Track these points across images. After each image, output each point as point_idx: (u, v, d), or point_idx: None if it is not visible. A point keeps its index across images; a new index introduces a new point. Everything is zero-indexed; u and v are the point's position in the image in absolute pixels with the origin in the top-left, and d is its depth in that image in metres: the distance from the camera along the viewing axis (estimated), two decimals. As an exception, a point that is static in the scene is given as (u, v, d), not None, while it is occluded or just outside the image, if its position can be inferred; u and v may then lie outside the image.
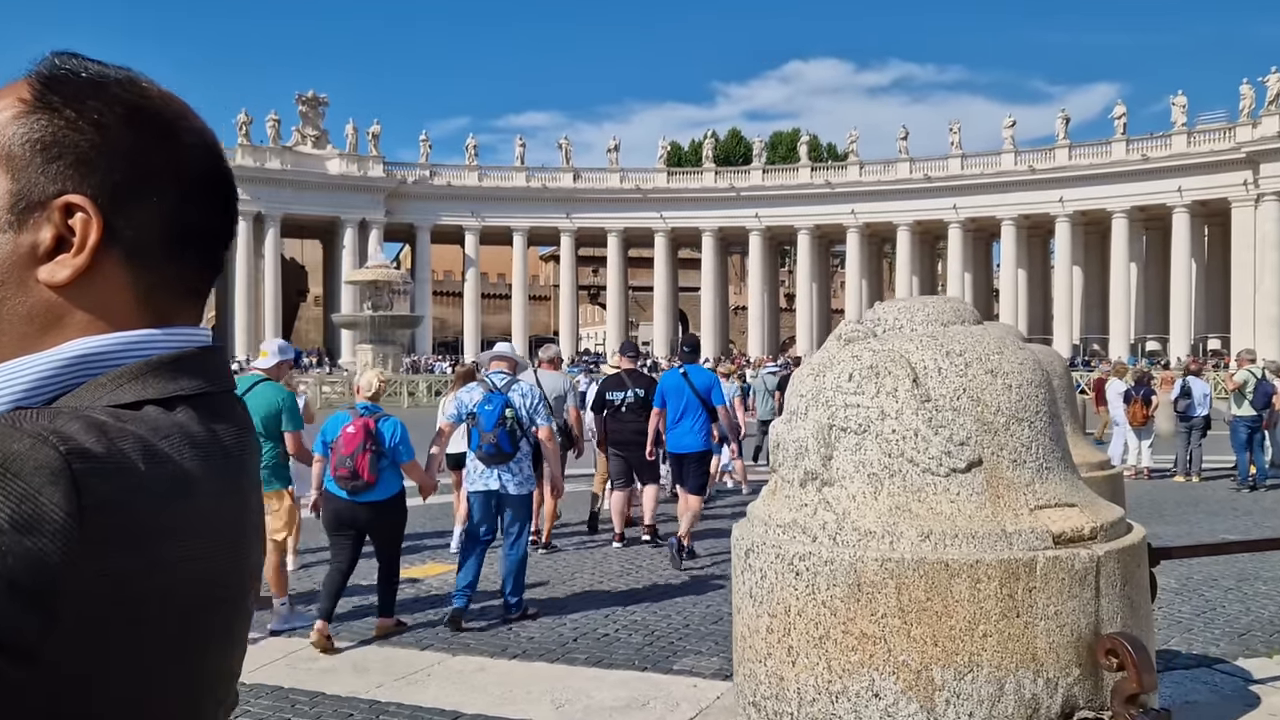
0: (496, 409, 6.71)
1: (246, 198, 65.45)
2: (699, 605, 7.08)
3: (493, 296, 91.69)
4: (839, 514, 2.59)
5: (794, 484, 2.71)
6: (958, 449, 2.51)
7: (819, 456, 2.61)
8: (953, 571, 2.45)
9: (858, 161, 67.96)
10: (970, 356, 2.69)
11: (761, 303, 71.59)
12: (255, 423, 3.80)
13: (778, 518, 2.74)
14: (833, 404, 2.61)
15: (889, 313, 3.05)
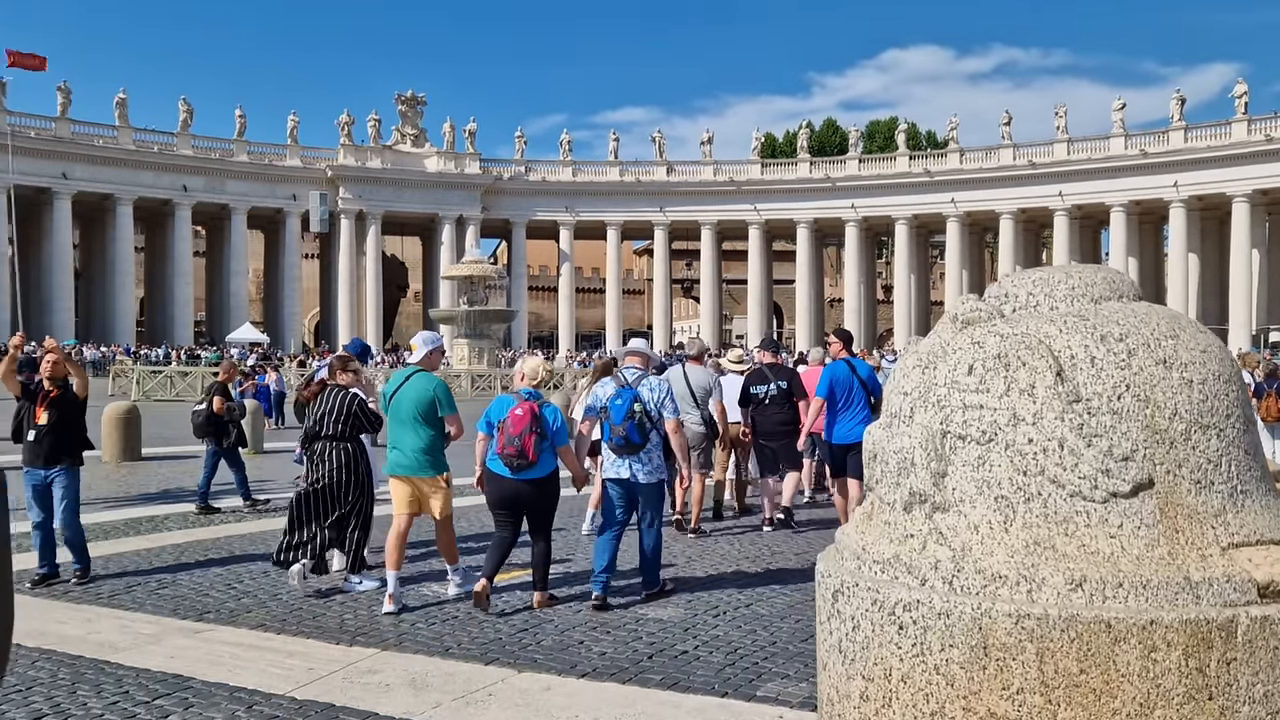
0: (626, 403, 7.05)
1: (349, 196, 66.85)
2: (788, 619, 6.50)
3: (587, 291, 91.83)
4: (957, 550, 1.99)
5: (896, 507, 2.14)
6: (1119, 466, 1.88)
7: (929, 473, 2.03)
8: (1117, 635, 1.78)
9: (958, 149, 65.84)
10: (1135, 342, 2.00)
11: (858, 295, 69.98)
12: (413, 411, 6.62)
13: (875, 551, 2.17)
14: (947, 404, 2.03)
15: (1021, 286, 2.38)
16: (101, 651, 5.81)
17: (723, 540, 9.56)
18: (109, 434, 16.60)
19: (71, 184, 59.74)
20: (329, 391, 7.75)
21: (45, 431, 7.77)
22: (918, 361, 2.23)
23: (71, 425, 7.95)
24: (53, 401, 7.85)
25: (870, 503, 2.38)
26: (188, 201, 63.72)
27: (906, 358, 2.38)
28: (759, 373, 10.49)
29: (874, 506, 2.32)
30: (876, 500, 2.30)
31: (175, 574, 7.97)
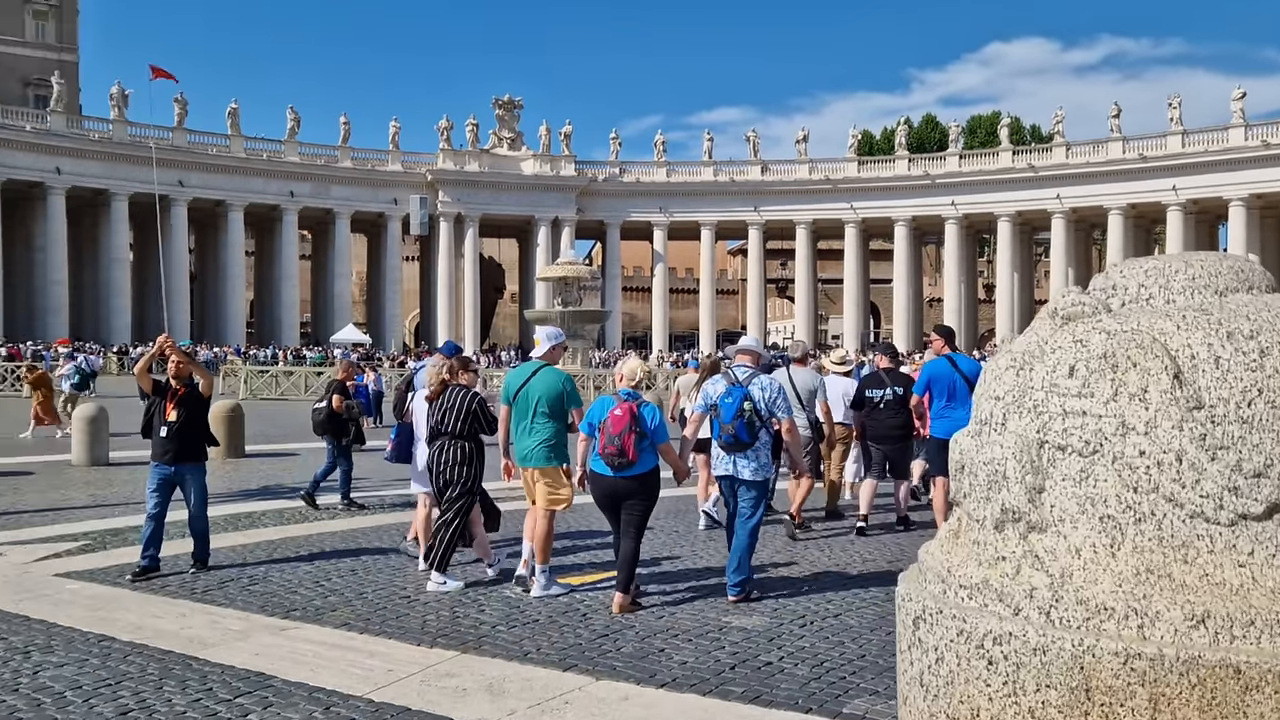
0: (736, 401, 7.14)
1: (447, 200, 68.12)
2: (878, 631, 6.23)
3: (680, 291, 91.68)
4: (1055, 576, 1.74)
5: (986, 525, 1.91)
6: (1250, 483, 1.61)
7: (1023, 488, 1.80)
8: (1248, 681, 1.50)
9: (1064, 143, 63.58)
10: (1268, 340, 1.71)
11: (958, 294, 68.22)
12: (541, 404, 6.89)
13: (962, 574, 1.93)
14: (1045, 411, 1.80)
15: (1131, 277, 2.10)
16: (191, 647, 5.89)
17: (813, 546, 9.30)
18: (214, 431, 17.08)
19: (187, 191, 62.26)
20: (451, 390, 7.89)
21: (175, 428, 8.13)
22: (1011, 362, 2.01)
23: (198, 423, 8.37)
24: (180, 400, 8.23)
25: (957, 519, 2.15)
26: (295, 207, 65.79)
27: (999, 357, 2.15)
28: (876, 376, 10.61)
29: (961, 523, 2.09)
30: (964, 516, 2.07)
31: (267, 570, 8.09)
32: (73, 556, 8.80)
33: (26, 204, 58.83)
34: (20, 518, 10.98)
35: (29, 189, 58.05)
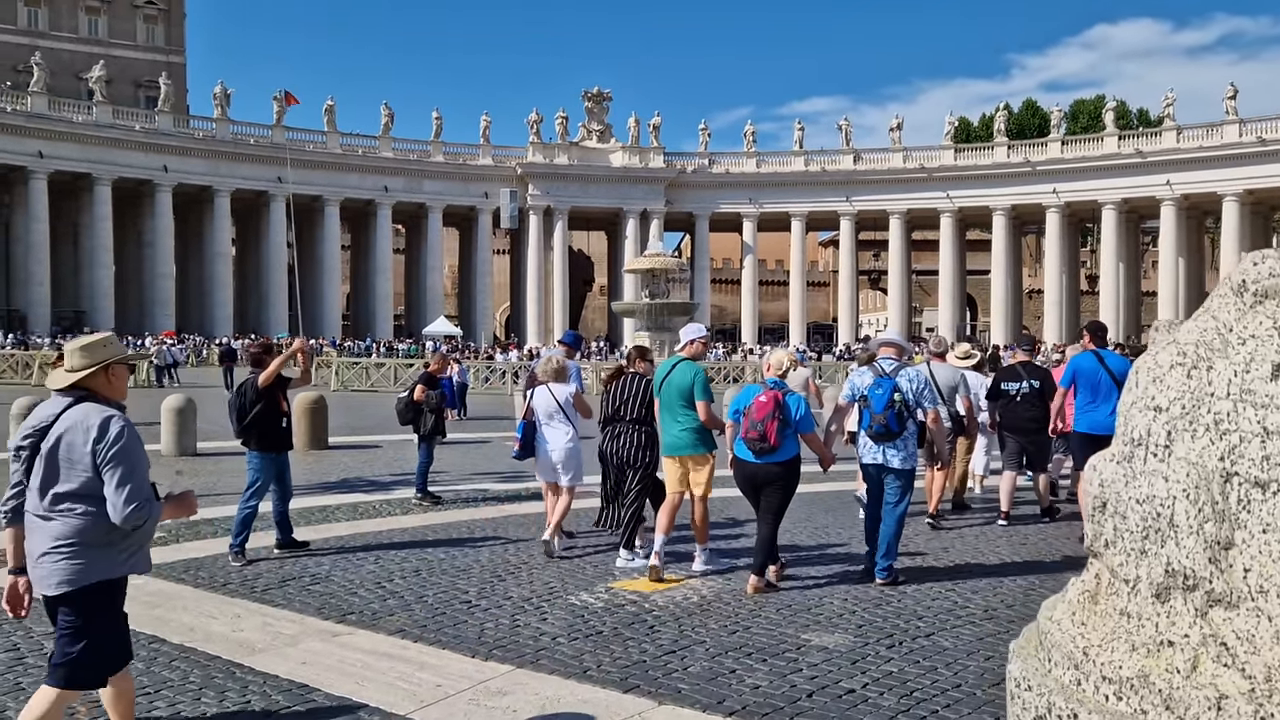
0: (886, 392, 7.38)
1: (536, 193, 68.42)
2: (975, 657, 5.62)
3: (770, 283, 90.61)
4: (1257, 679, 1.17)
5: (1141, 590, 1.37)
6: None
7: (1201, 541, 1.23)
8: None
9: (1174, 127, 60.49)
10: None
11: (1059, 285, 65.65)
12: (677, 396, 7.48)
13: (1106, 660, 1.39)
14: (1233, 429, 1.26)
15: None
16: (238, 653, 5.63)
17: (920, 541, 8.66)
18: (297, 423, 17.15)
19: (286, 187, 63.73)
20: (628, 378, 8.30)
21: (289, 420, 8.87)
22: (1178, 358, 1.46)
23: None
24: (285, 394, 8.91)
25: (1095, 575, 1.63)
26: (389, 201, 66.85)
27: (1158, 351, 1.60)
28: (1012, 370, 10.75)
29: (1102, 583, 1.56)
30: (1106, 573, 1.54)
31: (331, 568, 7.86)
32: (144, 550, 8.71)
33: (136, 201, 61.02)
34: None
35: (138, 186, 60.19)
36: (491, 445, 18.41)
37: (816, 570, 7.85)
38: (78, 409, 3.88)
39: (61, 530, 3.79)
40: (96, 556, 3.81)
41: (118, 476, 3.73)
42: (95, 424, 3.80)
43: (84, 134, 57.60)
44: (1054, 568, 8.05)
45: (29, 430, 3.92)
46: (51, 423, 3.87)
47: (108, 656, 3.90)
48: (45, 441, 3.83)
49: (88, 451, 3.76)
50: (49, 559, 3.79)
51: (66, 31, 72.96)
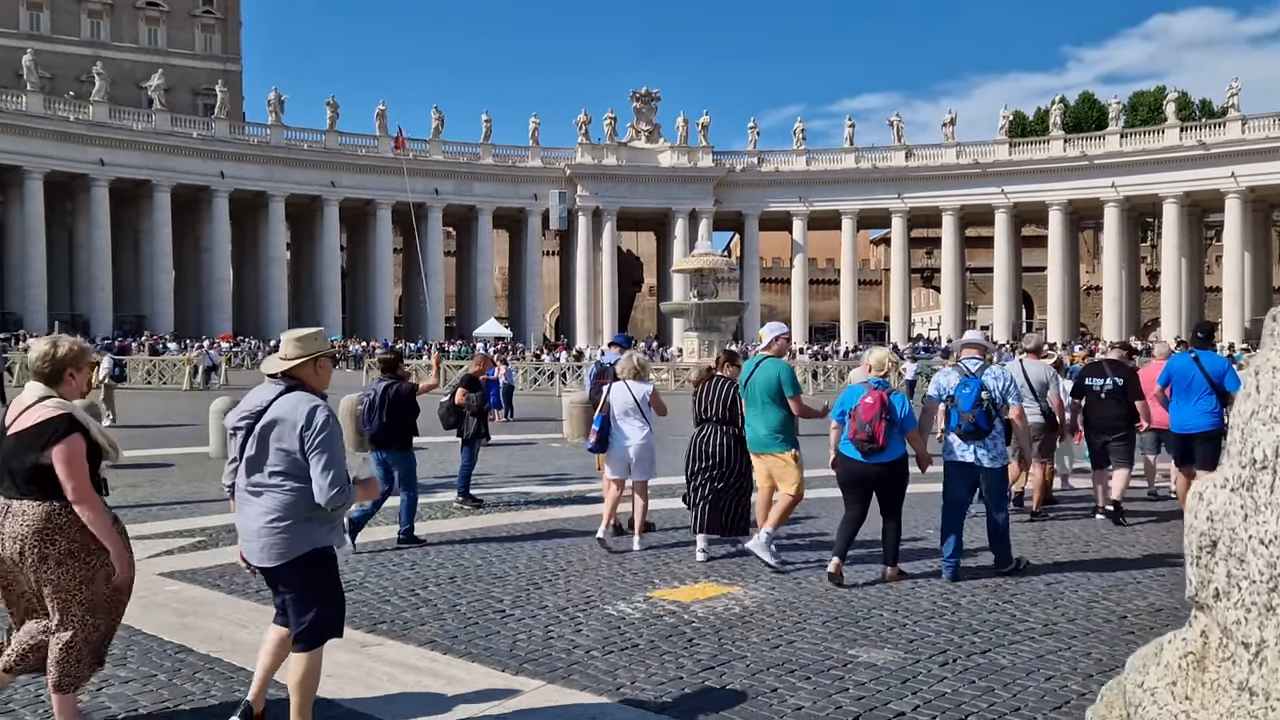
0: (974, 391, 7.52)
1: (585, 194, 68.43)
2: (1035, 677, 5.23)
3: (821, 282, 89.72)
4: None
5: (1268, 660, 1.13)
6: None
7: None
8: None
9: (1239, 117, 58.63)
10: None
11: (1118, 282, 64.02)
12: (763, 394, 7.91)
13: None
14: None
15: None
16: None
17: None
18: (342, 423, 17.20)
19: (338, 191, 64.54)
20: (715, 381, 8.58)
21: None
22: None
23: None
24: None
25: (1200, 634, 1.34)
26: (439, 204, 67.30)
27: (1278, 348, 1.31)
28: (1098, 367, 10.98)
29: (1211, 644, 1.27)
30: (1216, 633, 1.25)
31: (366, 574, 7.73)
32: (184, 554, 8.67)
33: (194, 207, 62.14)
34: (149, 511, 11.06)
35: (196, 192, 61.28)
36: (537, 447, 18.28)
37: (862, 576, 7.54)
38: (289, 396, 4.29)
39: (269, 505, 4.23)
40: (301, 530, 4.23)
41: (323, 462, 4.15)
42: (304, 411, 4.21)
43: (144, 141, 58.76)
44: (1114, 578, 7.64)
45: (245, 413, 4.33)
46: (266, 407, 4.28)
47: (338, 611, 4.38)
48: (258, 424, 4.25)
49: (297, 436, 4.17)
50: (261, 534, 4.23)
51: (127, 41, 74.62)
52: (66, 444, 4.16)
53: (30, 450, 4.18)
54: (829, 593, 7.11)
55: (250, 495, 4.29)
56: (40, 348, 4.40)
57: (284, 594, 4.35)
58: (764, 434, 8.01)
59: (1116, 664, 5.44)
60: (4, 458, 4.25)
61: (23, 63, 56.74)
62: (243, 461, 4.29)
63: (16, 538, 4.15)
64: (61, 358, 4.39)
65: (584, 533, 9.49)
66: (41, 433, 4.18)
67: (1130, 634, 6.04)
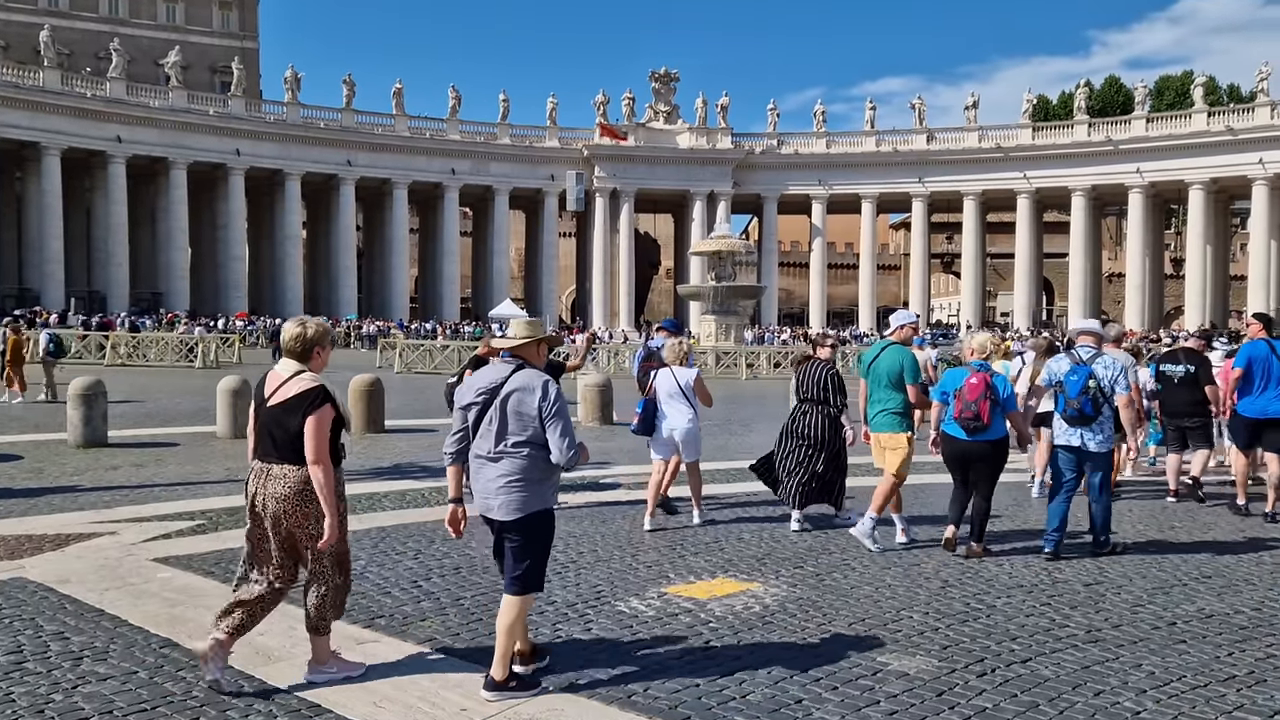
0: (1081, 379, 7.83)
1: (603, 175, 67.88)
2: (1082, 691, 4.83)
3: (839, 266, 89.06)
4: None
5: None
6: None
7: None
8: None
9: (1269, 102, 57.49)
10: None
11: (1142, 269, 63.09)
12: (886, 378, 8.43)
13: None
14: None
15: None
16: (253, 662, 5.14)
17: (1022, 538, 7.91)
18: (353, 405, 16.88)
19: (355, 170, 64.21)
20: (812, 363, 9.08)
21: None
22: None
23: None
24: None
25: None
26: (456, 184, 66.89)
27: None
28: (1173, 354, 11.61)
29: None
30: None
31: (367, 564, 7.37)
32: (181, 538, 8.36)
33: (210, 185, 61.96)
34: (152, 492, 10.76)
35: (212, 170, 61.08)
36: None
37: (892, 576, 7.15)
38: (523, 373, 4.87)
39: (510, 469, 4.79)
40: (535, 491, 4.81)
41: (559, 427, 4.75)
42: (538, 386, 4.79)
43: (160, 118, 58.54)
44: (1158, 579, 7.22)
45: (482, 389, 4.88)
46: (502, 383, 4.84)
47: (543, 569, 4.95)
48: (497, 397, 4.81)
49: (535, 406, 4.74)
50: (500, 493, 4.79)
51: (145, 18, 74.36)
52: (319, 413, 4.76)
53: (292, 417, 4.76)
54: (854, 590, 6.71)
55: (489, 460, 4.84)
56: (292, 329, 4.97)
57: (509, 548, 4.86)
58: (879, 416, 8.31)
59: (1171, 677, 5.04)
60: (266, 425, 4.86)
61: (40, 39, 56.52)
62: (481, 431, 4.85)
63: (278, 498, 4.76)
64: (311, 337, 4.95)
65: (597, 521, 9.13)
66: (302, 401, 4.76)
67: (1181, 642, 5.62)
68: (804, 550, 7.98)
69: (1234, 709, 4.62)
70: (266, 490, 4.78)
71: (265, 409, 4.86)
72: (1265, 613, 6.31)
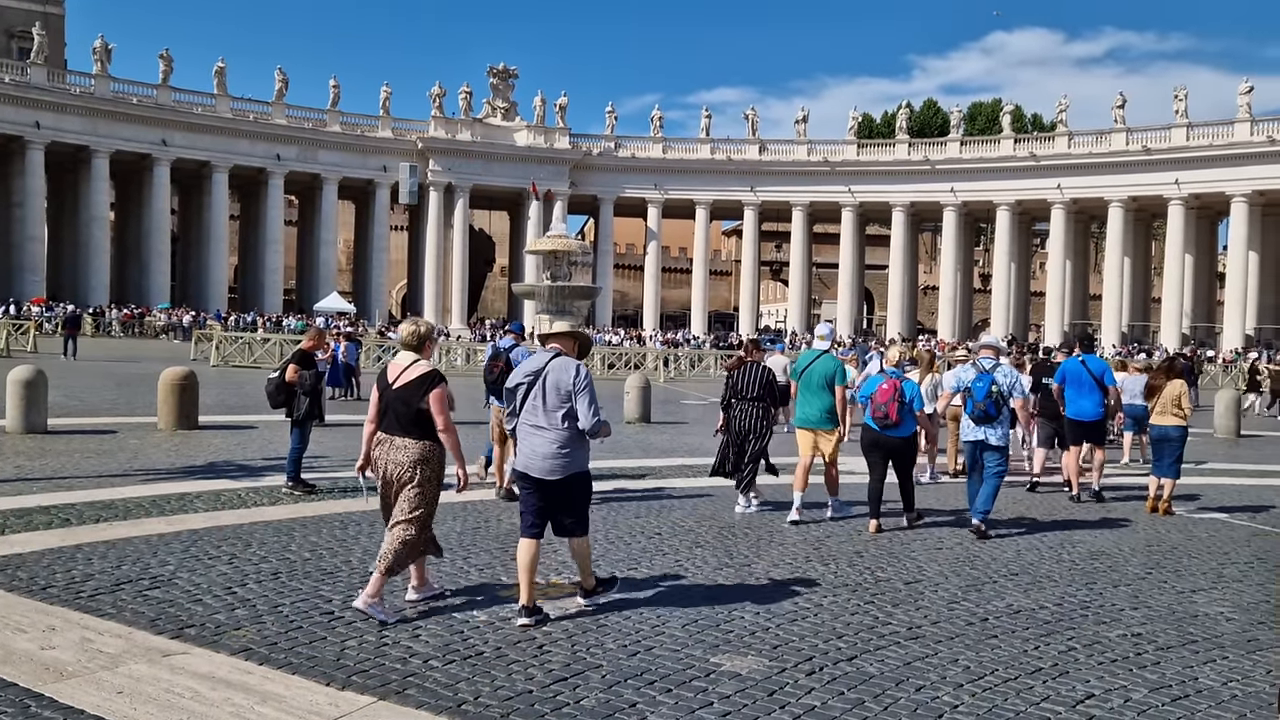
0: (986, 385, 9.38)
1: (437, 169, 66.50)
2: (905, 686, 5.01)
3: (673, 270, 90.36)
4: None
5: None
6: None
7: None
8: None
9: (1066, 132, 62.16)
10: None
11: (954, 282, 66.93)
12: (820, 382, 10.41)
13: None
14: None
15: None
16: (42, 679, 4.68)
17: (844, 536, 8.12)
18: (164, 400, 15.85)
19: (170, 151, 60.48)
20: (748, 365, 10.34)
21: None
22: None
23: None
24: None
25: None
26: (281, 170, 64.05)
27: None
28: (1048, 366, 13.95)
29: None
30: None
31: (177, 569, 6.88)
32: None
33: (5, 159, 57.10)
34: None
35: (7, 143, 56.30)
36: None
37: (724, 576, 7.23)
38: (559, 360, 6.07)
39: (555, 437, 5.91)
40: (575, 455, 5.96)
41: (587, 400, 5.93)
42: (573, 368, 6.01)
43: (-54, 83, 53.54)
44: (971, 576, 7.59)
45: (528, 373, 6.08)
46: (544, 367, 6.03)
47: (588, 516, 6.16)
48: (539, 379, 5.98)
49: (570, 385, 5.93)
50: (549, 458, 5.91)
51: (-69, -27, 67.90)
52: (440, 389, 6.02)
53: (415, 397, 5.98)
54: (689, 591, 6.75)
55: (535, 430, 5.96)
56: (408, 328, 6.29)
57: (556, 500, 5.97)
58: (815, 414, 9.75)
59: (984, 671, 5.27)
60: (390, 404, 6.04)
61: None
62: (528, 406, 5.98)
63: (400, 464, 5.97)
64: (424, 334, 6.25)
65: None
66: (423, 383, 6.00)
67: (993, 638, 5.90)
68: (638, 552, 7.97)
69: (1041, 700, 4.87)
70: (390, 457, 5.99)
71: (390, 391, 6.05)
72: (1066, 608, 6.72)
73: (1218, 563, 8.48)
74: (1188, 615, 6.65)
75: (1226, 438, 21.13)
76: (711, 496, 10.89)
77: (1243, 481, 14.31)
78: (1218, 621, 6.52)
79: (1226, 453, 18.59)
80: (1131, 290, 64.47)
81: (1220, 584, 7.66)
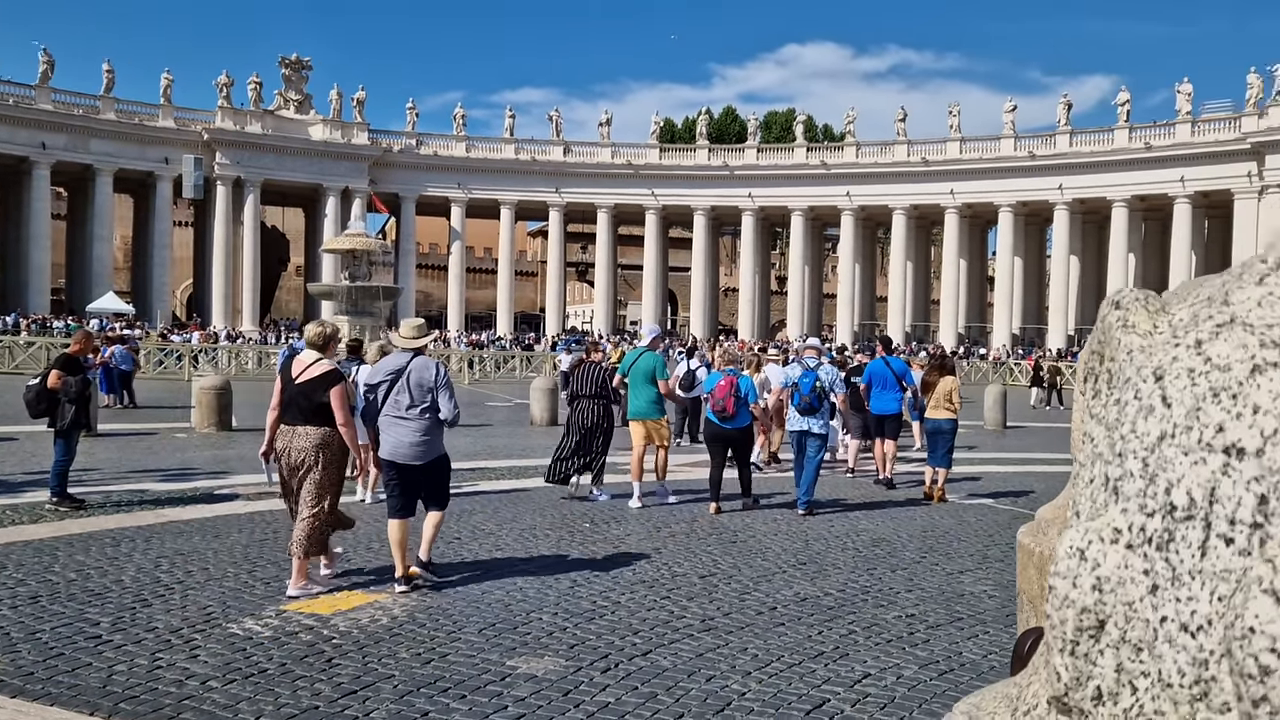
0: (810, 381, 10.45)
1: (225, 162, 63.06)
2: (696, 678, 5.15)
3: (478, 271, 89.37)
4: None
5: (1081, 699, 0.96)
6: None
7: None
8: None
9: (854, 143, 65.80)
10: None
11: (753, 285, 69.50)
12: (643, 377, 11.73)
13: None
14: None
15: None
16: None
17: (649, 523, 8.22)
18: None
19: (-88, 135, 54.68)
20: (588, 365, 11.21)
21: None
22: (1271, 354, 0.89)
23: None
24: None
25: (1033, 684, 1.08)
26: (46, 160, 58.93)
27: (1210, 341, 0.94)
28: (860, 366, 15.02)
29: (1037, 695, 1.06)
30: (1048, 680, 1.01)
31: (-84, 599, 6.22)
32: None
33: None
34: None
35: None
36: (159, 438, 16.28)
37: (524, 580, 7.21)
38: (420, 359, 6.90)
39: (417, 426, 6.70)
40: (435, 441, 6.81)
41: (447, 394, 6.78)
42: (433, 367, 6.85)
43: None
44: (761, 568, 7.89)
45: (388, 372, 6.83)
46: (406, 365, 6.79)
47: (448, 492, 7.07)
48: (402, 376, 6.74)
49: (432, 381, 6.75)
50: (414, 446, 6.71)
51: None
52: (340, 387, 6.63)
53: (317, 392, 6.56)
54: (485, 596, 6.69)
55: (400, 421, 6.72)
56: (314, 329, 6.95)
57: (423, 483, 6.82)
58: (644, 405, 10.80)
59: (771, 658, 5.49)
60: (294, 398, 6.61)
61: None
62: (394, 399, 6.71)
63: (303, 450, 6.55)
64: (329, 335, 6.91)
65: (210, 535, 8.39)
66: (325, 380, 6.59)
67: (781, 625, 6.16)
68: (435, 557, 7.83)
69: (823, 682, 5.12)
70: (294, 445, 6.55)
71: (294, 385, 6.61)
72: (848, 593, 7.09)
73: (983, 545, 9.17)
74: (955, 595, 7.16)
75: (994, 429, 22.89)
76: (516, 498, 10.84)
77: (1008, 469, 15.55)
78: (981, 599, 7.05)
79: (995, 443, 20.14)
80: (914, 292, 68.84)
81: (984, 565, 8.29)
